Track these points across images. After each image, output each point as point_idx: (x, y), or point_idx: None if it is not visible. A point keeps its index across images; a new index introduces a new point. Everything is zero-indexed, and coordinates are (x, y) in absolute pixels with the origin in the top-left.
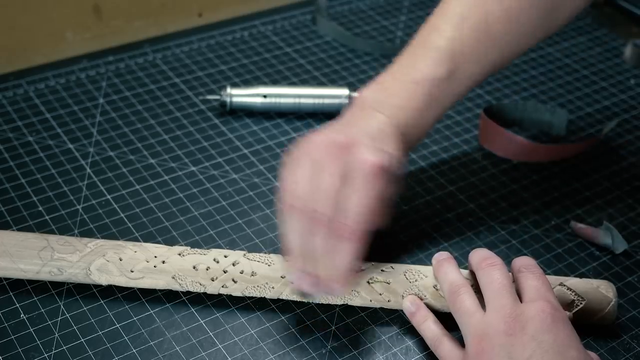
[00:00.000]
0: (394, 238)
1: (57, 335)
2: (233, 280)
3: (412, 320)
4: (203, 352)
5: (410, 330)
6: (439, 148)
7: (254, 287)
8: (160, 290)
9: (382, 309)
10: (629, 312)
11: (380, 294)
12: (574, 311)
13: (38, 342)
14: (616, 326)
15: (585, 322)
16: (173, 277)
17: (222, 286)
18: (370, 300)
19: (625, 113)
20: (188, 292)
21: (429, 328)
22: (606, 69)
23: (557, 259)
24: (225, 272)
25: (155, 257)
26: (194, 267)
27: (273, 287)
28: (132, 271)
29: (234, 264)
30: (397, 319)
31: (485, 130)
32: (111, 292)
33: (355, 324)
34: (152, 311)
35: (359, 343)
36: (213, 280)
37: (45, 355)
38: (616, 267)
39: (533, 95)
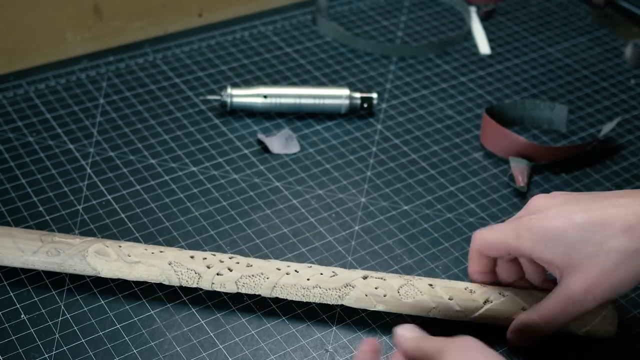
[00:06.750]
0: (394, 238)
1: (57, 335)
2: (229, 268)
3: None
4: (204, 353)
5: None
6: (439, 148)
7: (248, 276)
8: (161, 290)
9: None
10: (629, 312)
11: (376, 288)
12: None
13: (39, 342)
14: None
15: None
16: (169, 264)
17: (217, 274)
18: (366, 295)
19: (626, 113)
20: (188, 292)
21: None
22: (606, 69)
23: None
24: (221, 262)
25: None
26: (191, 257)
27: (268, 278)
28: (129, 255)
29: (230, 257)
30: (397, 318)
31: (486, 130)
32: (112, 293)
33: (355, 324)
34: (152, 311)
35: (359, 343)
36: (209, 268)
37: (46, 355)
38: None
39: (533, 95)
